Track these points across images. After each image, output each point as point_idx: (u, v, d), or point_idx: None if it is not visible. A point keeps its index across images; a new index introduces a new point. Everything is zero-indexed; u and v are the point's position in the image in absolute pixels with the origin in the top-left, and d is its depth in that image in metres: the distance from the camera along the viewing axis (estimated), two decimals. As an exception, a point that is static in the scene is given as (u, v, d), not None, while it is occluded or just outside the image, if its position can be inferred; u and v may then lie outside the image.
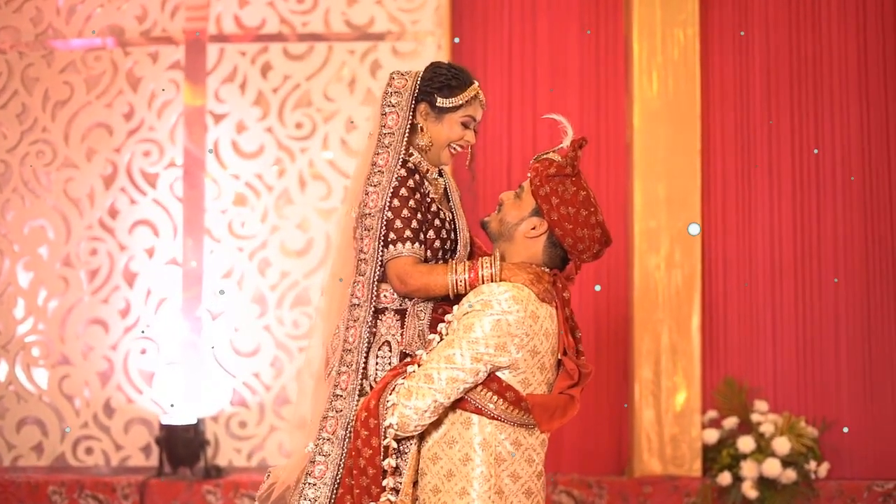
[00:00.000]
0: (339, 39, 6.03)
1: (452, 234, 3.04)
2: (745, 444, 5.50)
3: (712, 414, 5.74)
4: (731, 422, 5.65)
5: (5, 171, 6.12)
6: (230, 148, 6.06)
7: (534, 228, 2.87)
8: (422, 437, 2.83)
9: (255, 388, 5.95)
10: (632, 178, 5.81)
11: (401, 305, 2.94)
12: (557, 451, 5.73)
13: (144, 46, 6.11)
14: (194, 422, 5.77)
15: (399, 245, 2.87)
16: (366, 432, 2.72)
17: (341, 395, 2.88)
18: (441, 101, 2.99)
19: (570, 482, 5.67)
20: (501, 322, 2.71)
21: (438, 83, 3.00)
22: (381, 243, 2.88)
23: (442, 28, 5.95)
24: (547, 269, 2.88)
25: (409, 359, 2.84)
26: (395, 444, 2.73)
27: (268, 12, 6.07)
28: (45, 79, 6.13)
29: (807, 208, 5.88)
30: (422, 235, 2.89)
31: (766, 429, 5.55)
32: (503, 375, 2.76)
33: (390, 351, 2.91)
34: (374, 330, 2.93)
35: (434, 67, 3.05)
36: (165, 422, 5.78)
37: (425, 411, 2.70)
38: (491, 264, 2.82)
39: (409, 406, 2.70)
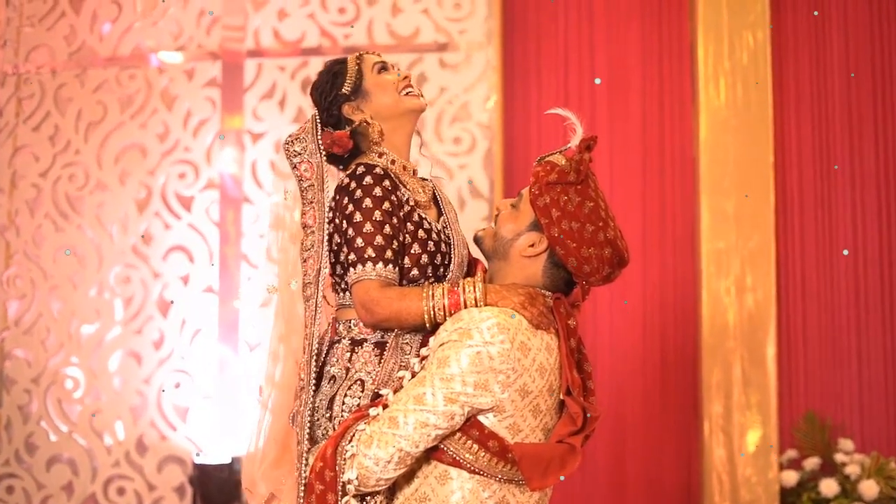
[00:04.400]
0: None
1: (445, 248, 2.61)
2: (828, 487, 5.03)
3: (791, 453, 5.28)
4: (812, 462, 5.20)
5: (37, 195, 5.88)
6: (269, 168, 5.75)
7: (532, 245, 2.43)
8: (391, 491, 2.38)
9: (295, 425, 5.58)
10: (698, 194, 5.36)
11: (382, 337, 2.52)
12: (620, 493, 5.37)
13: (180, 64, 5.83)
14: (229, 461, 5.42)
15: (360, 266, 2.44)
16: (321, 486, 2.28)
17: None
18: (346, 87, 2.66)
19: (635, 528, 5.24)
20: (482, 355, 2.25)
21: (329, 81, 2.69)
22: (343, 268, 2.50)
23: (492, 38, 5.59)
24: (547, 293, 2.42)
25: (379, 399, 2.39)
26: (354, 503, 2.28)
27: (308, 25, 5.77)
28: (78, 99, 5.89)
29: (895, 225, 5.37)
30: (389, 253, 2.45)
31: (852, 470, 5.08)
32: (486, 420, 2.30)
33: (362, 391, 2.47)
34: (349, 365, 2.51)
35: (314, 83, 2.75)
36: (199, 461, 5.44)
37: (388, 462, 2.24)
38: (474, 287, 2.39)
39: (369, 456, 2.24)
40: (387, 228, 2.45)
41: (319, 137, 2.61)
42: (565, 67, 5.65)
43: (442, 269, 2.59)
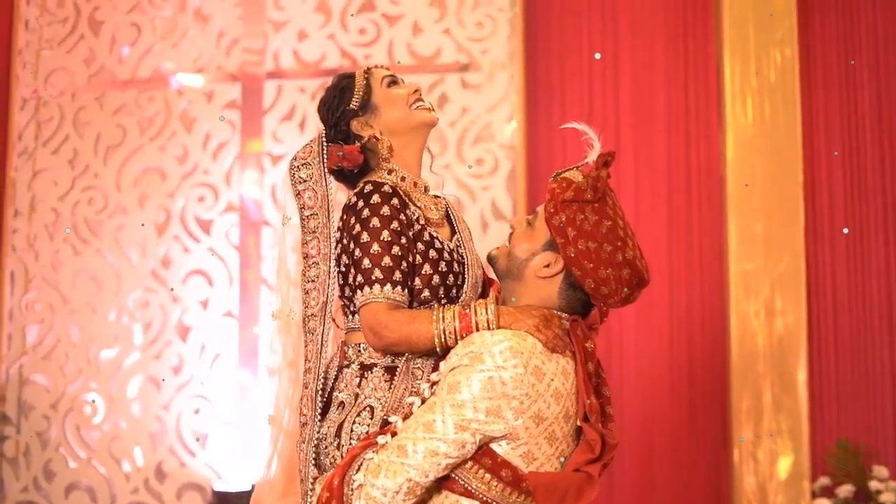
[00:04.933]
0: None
1: (458, 267, 2.50)
2: (863, 515, 4.90)
3: (824, 481, 5.11)
4: (845, 490, 5.03)
5: (56, 219, 5.83)
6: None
7: (547, 266, 2.32)
8: None
9: (316, 451, 5.49)
10: (726, 215, 5.25)
11: (392, 362, 2.41)
12: (647, 523, 5.21)
13: (199, 86, 5.78)
14: (249, 488, 5.33)
15: (367, 289, 2.34)
16: None
17: None
18: (354, 102, 2.56)
19: (663, 558, 5.11)
20: (494, 380, 2.15)
21: (337, 96, 2.58)
22: (351, 290, 2.40)
23: (514, 58, 5.50)
24: (563, 315, 2.32)
25: (388, 426, 2.29)
26: None
27: (328, 46, 5.70)
28: (97, 122, 5.85)
29: (929, 246, 5.26)
30: (397, 274, 2.35)
31: (887, 498, 4.93)
32: (499, 448, 2.20)
33: (371, 417, 2.37)
34: (358, 391, 2.41)
35: (321, 99, 2.64)
36: (218, 488, 5.36)
37: (397, 492, 2.14)
38: (486, 309, 2.29)
39: (376, 486, 2.14)
40: (395, 249, 2.36)
41: (325, 164, 2.52)
42: (589, 87, 5.55)
43: (455, 290, 2.48)
